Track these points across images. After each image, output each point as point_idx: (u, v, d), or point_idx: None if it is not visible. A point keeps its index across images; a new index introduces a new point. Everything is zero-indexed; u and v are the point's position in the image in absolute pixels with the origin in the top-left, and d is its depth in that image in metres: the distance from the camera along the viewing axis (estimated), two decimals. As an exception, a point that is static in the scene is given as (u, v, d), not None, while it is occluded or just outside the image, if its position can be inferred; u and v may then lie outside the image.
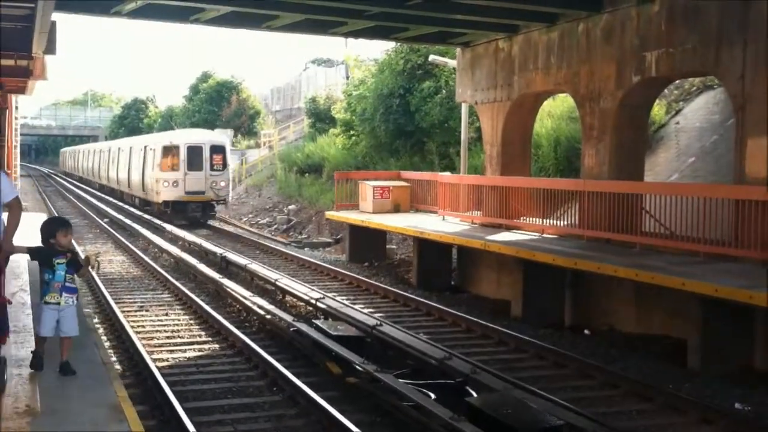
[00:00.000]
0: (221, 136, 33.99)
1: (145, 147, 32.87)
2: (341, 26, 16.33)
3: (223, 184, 30.01)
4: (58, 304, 6.20)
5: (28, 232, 6.90)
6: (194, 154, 29.75)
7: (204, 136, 31.73)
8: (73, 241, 6.61)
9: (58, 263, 6.23)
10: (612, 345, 11.83)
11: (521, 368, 10.41)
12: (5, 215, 6.30)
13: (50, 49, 12.09)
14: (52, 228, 6.38)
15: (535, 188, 15.42)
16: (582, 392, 9.47)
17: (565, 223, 14.85)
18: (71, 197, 45.04)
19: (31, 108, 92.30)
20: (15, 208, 6.31)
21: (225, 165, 30.39)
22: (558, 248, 13.28)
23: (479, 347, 11.57)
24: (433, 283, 16.42)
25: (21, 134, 72.92)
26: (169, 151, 29.96)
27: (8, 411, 4.98)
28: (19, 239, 6.17)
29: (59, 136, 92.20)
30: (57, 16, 11.63)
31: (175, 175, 29.48)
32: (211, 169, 29.84)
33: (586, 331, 12.76)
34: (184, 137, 31.28)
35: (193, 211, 29.48)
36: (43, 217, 23.14)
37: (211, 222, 29.49)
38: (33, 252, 6.42)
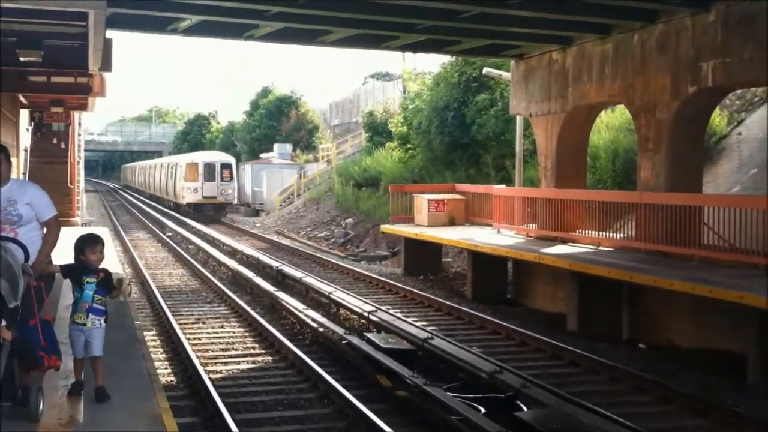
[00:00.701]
0: (229, 156, 44.37)
1: (176, 164, 43.51)
2: (394, 40, 16.42)
3: (230, 191, 40.76)
4: (84, 325, 5.85)
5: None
6: (209, 169, 40.47)
7: (216, 156, 43.01)
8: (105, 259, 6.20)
9: (87, 282, 5.89)
10: (670, 359, 11.60)
11: (574, 383, 10.27)
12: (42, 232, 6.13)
13: (106, 66, 12.42)
14: (82, 244, 6.01)
15: (590, 200, 15.24)
16: (637, 407, 9.29)
17: (622, 235, 14.63)
18: (135, 211, 46.03)
19: (98, 124, 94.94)
20: (53, 226, 6.09)
21: (232, 177, 41.05)
22: (614, 261, 13.09)
23: (532, 361, 11.46)
24: (488, 297, 16.32)
25: (89, 150, 75.43)
26: (192, 167, 40.52)
27: (52, 422, 5.11)
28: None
29: (125, 152, 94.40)
30: (115, 34, 11.95)
31: (195, 184, 40.15)
32: (221, 180, 40.60)
33: (641, 345, 12.52)
34: (202, 157, 42.27)
35: (207, 211, 39.14)
36: (105, 232, 23.76)
37: (223, 219, 36.87)
38: (64, 270, 6.08)
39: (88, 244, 5.98)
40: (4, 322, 4.98)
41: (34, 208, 5.93)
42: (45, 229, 6.09)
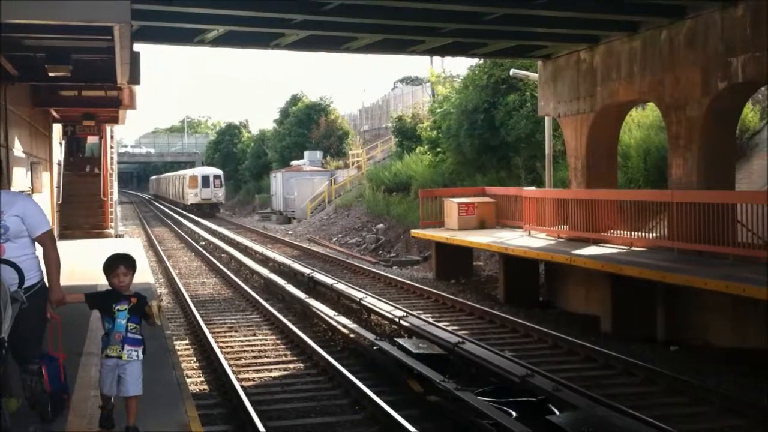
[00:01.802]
0: (218, 170, 59.18)
1: (183, 176, 60.05)
2: (419, 44, 16.39)
3: (220, 194, 56.97)
4: (120, 357, 5.23)
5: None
6: (204, 180, 55.99)
7: (209, 171, 58.09)
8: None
9: (118, 310, 5.26)
10: (706, 359, 11.43)
11: (608, 385, 10.16)
12: (40, 251, 5.51)
13: (135, 79, 12.54)
14: (109, 266, 5.39)
15: (621, 200, 15.08)
16: (672, 409, 9.16)
17: (655, 235, 14.46)
18: (169, 222, 46.46)
19: (132, 137, 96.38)
20: (48, 243, 5.43)
21: (221, 185, 57.05)
22: (647, 261, 12.94)
23: (565, 364, 11.35)
24: (520, 299, 16.21)
25: (123, 162, 76.98)
26: (193, 178, 56.44)
27: (80, 430, 5.15)
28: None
29: (158, 163, 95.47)
30: (144, 47, 12.06)
31: (195, 190, 55.83)
32: (213, 187, 56.12)
33: (675, 346, 12.35)
34: (200, 171, 58.17)
35: (204, 209, 54.16)
36: (138, 243, 23.99)
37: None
38: (90, 299, 5.43)
39: (109, 269, 5.38)
40: None
41: (25, 222, 5.34)
42: (41, 248, 5.49)
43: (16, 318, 4.81)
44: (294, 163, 50.05)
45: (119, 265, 5.38)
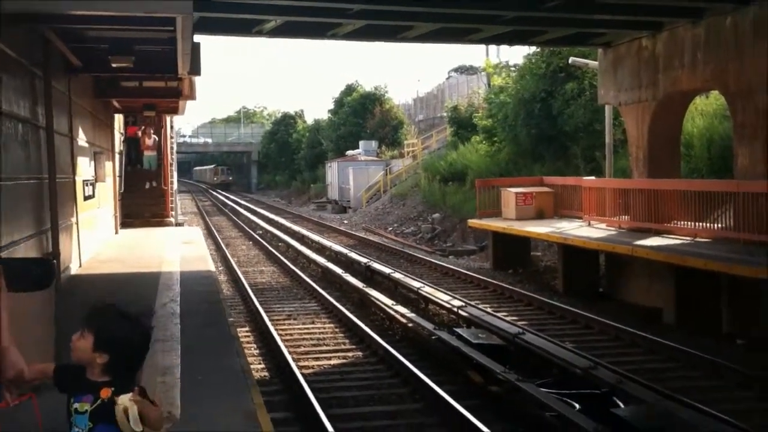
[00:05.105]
0: (226, 167, 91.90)
1: (210, 167, 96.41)
2: (477, 33, 16.24)
3: (230, 178, 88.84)
4: None
5: (177, 247, 6.92)
6: (222, 168, 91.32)
7: (222, 167, 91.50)
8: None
9: (76, 411, 2.94)
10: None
11: (673, 378, 9.97)
12: None
13: (195, 69, 12.63)
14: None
15: (684, 190, 14.76)
16: (740, 404, 8.96)
17: (720, 226, 14.12)
18: (226, 210, 47.02)
19: (190, 127, 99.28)
20: None
21: (230, 173, 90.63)
22: (711, 253, 12.65)
23: (628, 356, 11.17)
24: (579, 291, 16.00)
25: (181, 152, 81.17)
26: (215, 168, 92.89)
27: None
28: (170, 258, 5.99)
29: (215, 153, 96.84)
30: (203, 38, 12.17)
31: (217, 176, 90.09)
32: (225, 174, 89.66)
33: (737, 341, 12.05)
34: (217, 167, 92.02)
35: (221, 187, 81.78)
36: (198, 231, 24.27)
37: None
38: (59, 375, 3.05)
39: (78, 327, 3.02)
40: None
41: None
42: None
43: None
44: (349, 152, 50.16)
45: (85, 327, 2.98)
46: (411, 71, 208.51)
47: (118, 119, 22.00)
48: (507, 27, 15.45)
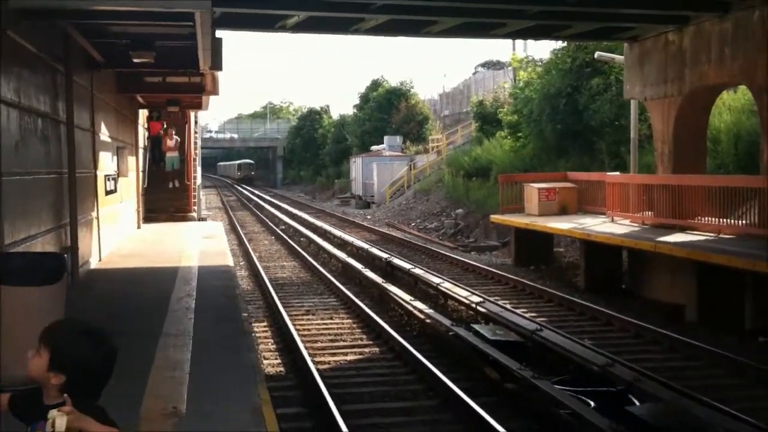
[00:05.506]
0: (250, 161, 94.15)
1: (233, 163, 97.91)
2: (501, 27, 16.13)
3: (252, 173, 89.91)
4: None
5: (204, 245, 6.92)
6: (245, 164, 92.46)
7: (246, 160, 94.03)
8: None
9: None
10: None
11: (692, 377, 9.83)
12: None
13: (216, 65, 12.67)
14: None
15: (710, 186, 14.57)
16: (760, 402, 8.81)
17: (745, 222, 13.92)
18: (251, 205, 47.21)
19: (216, 123, 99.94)
20: None
21: (252, 168, 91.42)
22: (736, 249, 12.47)
23: (647, 353, 11.05)
24: (601, 287, 15.87)
25: (208, 147, 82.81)
26: (238, 164, 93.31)
27: (156, 412, 5.22)
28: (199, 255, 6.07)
29: (241, 148, 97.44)
30: (226, 34, 12.19)
31: (239, 171, 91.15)
32: (248, 169, 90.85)
33: (760, 339, 11.88)
34: (241, 161, 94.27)
35: (243, 181, 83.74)
36: (220, 226, 24.38)
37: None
38: (15, 403, 2.77)
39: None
40: None
41: None
42: None
43: None
44: (374, 148, 50.14)
45: (41, 341, 2.67)
46: (437, 66, 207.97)
47: (142, 114, 22.16)
48: (531, 21, 15.32)
